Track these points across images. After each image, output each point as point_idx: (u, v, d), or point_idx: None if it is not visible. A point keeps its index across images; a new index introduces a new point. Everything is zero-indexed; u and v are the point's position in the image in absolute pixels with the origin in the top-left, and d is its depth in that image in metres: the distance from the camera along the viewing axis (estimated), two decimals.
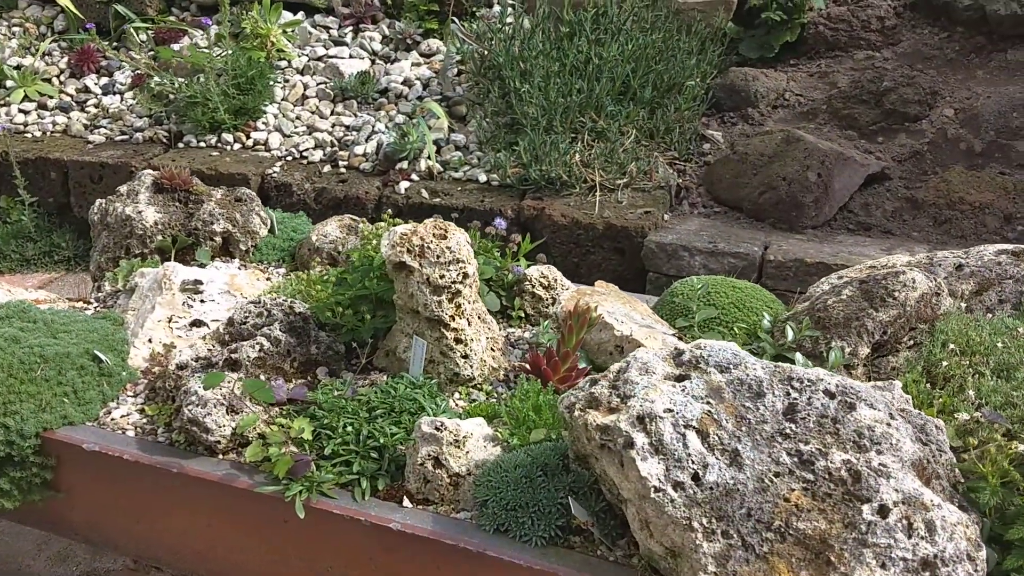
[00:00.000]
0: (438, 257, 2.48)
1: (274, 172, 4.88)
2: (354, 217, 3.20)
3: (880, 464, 1.89)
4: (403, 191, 4.67)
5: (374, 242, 2.73)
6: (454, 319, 2.55)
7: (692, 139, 4.99)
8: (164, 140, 5.15)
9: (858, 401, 1.99)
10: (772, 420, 1.96)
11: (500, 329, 2.93)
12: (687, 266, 4.33)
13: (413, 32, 5.44)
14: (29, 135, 5.29)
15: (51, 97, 5.47)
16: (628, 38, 5.03)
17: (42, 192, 5.11)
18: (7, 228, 5.03)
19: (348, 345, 2.69)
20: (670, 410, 1.97)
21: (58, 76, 5.63)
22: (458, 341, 2.56)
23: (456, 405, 2.54)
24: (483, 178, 4.76)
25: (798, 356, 2.47)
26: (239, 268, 3.12)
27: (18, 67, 5.58)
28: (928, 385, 2.49)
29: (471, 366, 2.57)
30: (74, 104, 5.50)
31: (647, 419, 1.96)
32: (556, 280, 2.98)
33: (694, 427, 1.96)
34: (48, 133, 5.30)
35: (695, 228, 4.52)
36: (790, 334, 2.55)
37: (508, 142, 4.82)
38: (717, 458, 1.91)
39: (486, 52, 5.11)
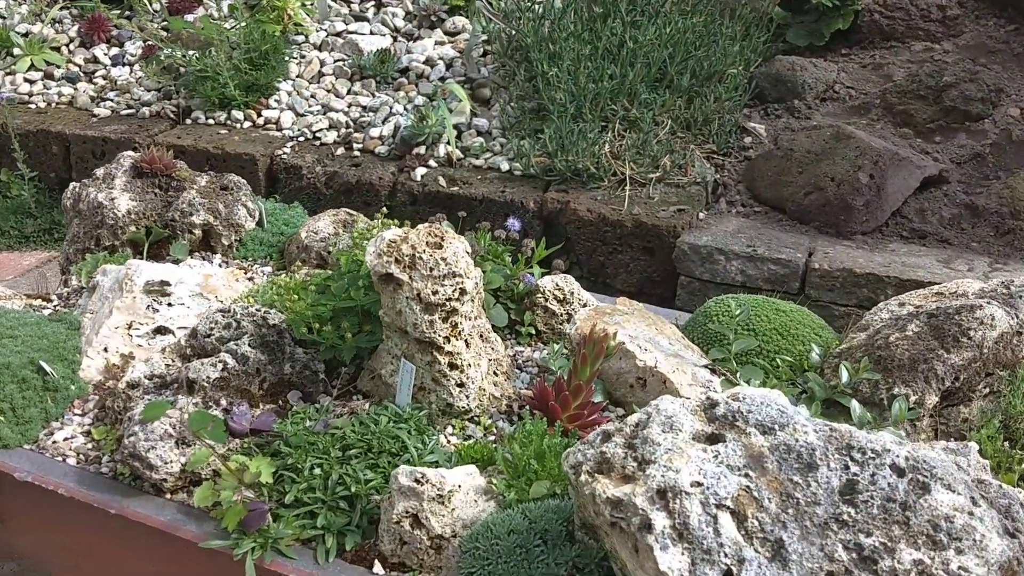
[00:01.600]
0: (431, 270, 2.05)
1: (284, 153, 4.47)
2: (350, 211, 2.79)
3: (960, 568, 1.46)
4: (419, 178, 4.25)
5: (365, 244, 2.31)
6: (449, 341, 2.13)
7: (732, 132, 4.51)
8: (172, 116, 4.77)
9: (933, 481, 1.55)
10: (826, 501, 1.53)
11: (507, 348, 2.51)
12: (722, 271, 3.87)
13: (438, 8, 4.99)
14: (33, 106, 4.93)
15: (58, 67, 5.10)
16: (666, 21, 4.55)
17: (43, 167, 4.75)
18: (6, 203, 4.68)
19: (330, 364, 2.28)
20: (699, 484, 1.54)
21: (67, 45, 5.25)
22: (453, 367, 2.14)
23: (448, 442, 2.13)
24: (505, 167, 4.33)
25: (855, 405, 2.02)
26: (220, 266, 2.71)
27: (26, 34, 5.21)
28: (1006, 444, 2.04)
29: (467, 396, 2.16)
30: (82, 75, 5.13)
31: (670, 494, 1.53)
32: (572, 293, 2.55)
33: (728, 507, 1.53)
34: (53, 104, 4.93)
35: (733, 229, 4.06)
36: (845, 375, 2.10)
37: (533, 129, 4.37)
38: (756, 551, 1.48)
39: (514, 32, 4.65)
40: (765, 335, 2.42)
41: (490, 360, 2.32)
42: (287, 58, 4.79)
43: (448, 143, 4.38)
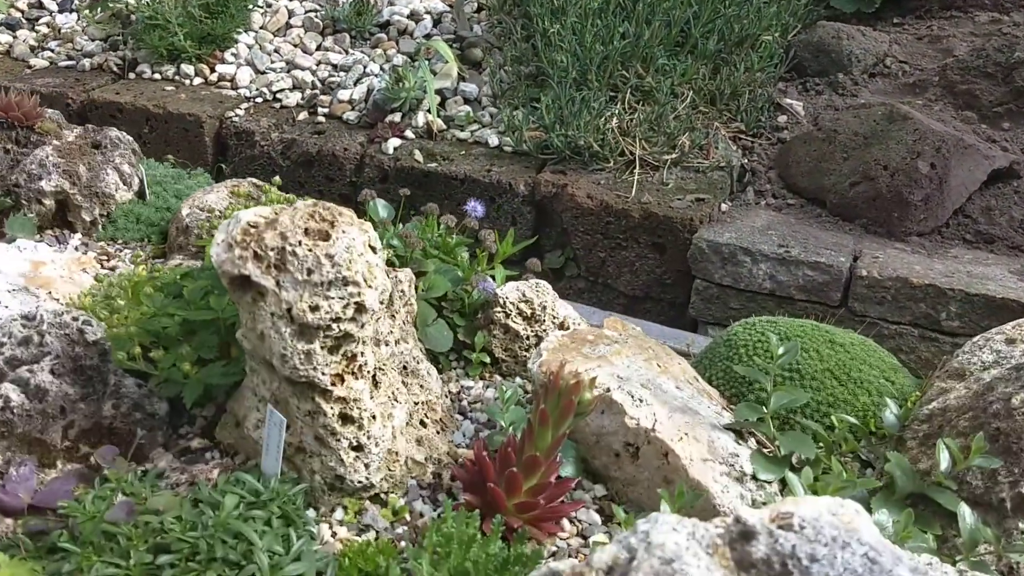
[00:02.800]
0: (310, 273, 1.28)
1: (236, 116, 3.70)
2: (257, 182, 2.02)
3: None
4: (391, 151, 3.48)
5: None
6: (341, 381, 1.36)
7: (764, 108, 3.71)
8: (116, 69, 4.00)
9: None
10: None
11: (448, 382, 1.74)
12: (747, 276, 3.08)
13: None
14: None
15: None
16: None
17: None
18: None
19: (179, 402, 1.51)
20: None
21: None
22: (346, 420, 1.38)
23: (333, 536, 1.36)
24: (494, 141, 3.54)
25: (964, 512, 1.23)
26: (77, 249, 1.95)
27: None
28: None
29: (368, 464, 1.39)
30: (24, 21, 4.37)
31: None
32: (544, 307, 1.77)
33: None
34: None
35: (762, 225, 3.26)
36: (945, 459, 1.31)
37: (529, 98, 3.58)
38: None
39: None
40: (815, 379, 1.63)
41: (416, 404, 1.55)
42: (250, 6, 4.02)
43: (429, 111, 3.60)
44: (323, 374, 1.32)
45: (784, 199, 3.48)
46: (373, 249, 1.34)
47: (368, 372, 1.39)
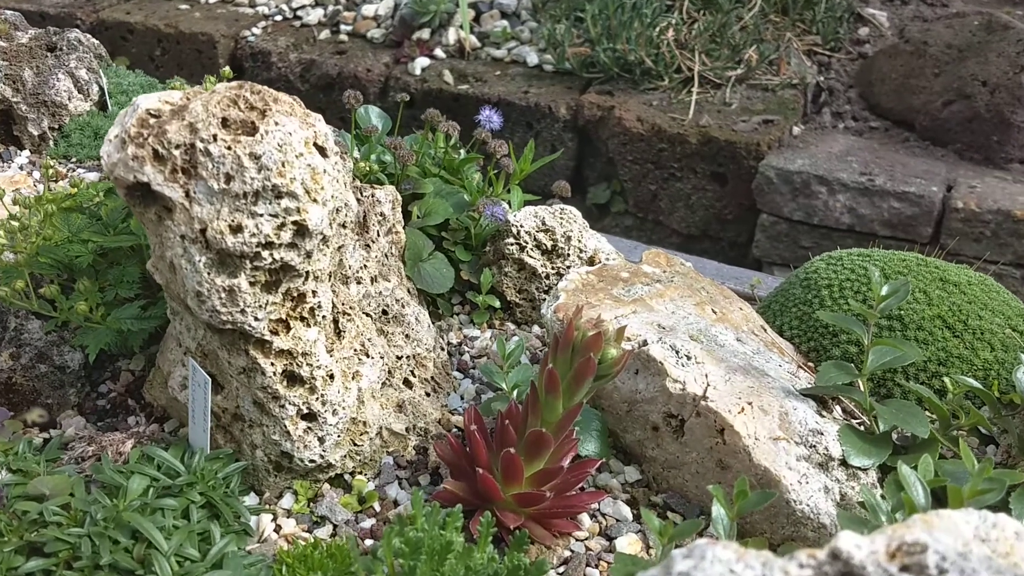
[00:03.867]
0: (229, 180, 0.93)
1: (252, 35, 3.35)
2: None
3: None
4: (419, 71, 3.10)
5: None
6: (286, 329, 1.01)
7: (844, 19, 3.22)
8: None
9: None
10: None
11: (446, 333, 1.39)
12: (822, 209, 2.65)
13: None
14: None
15: None
16: None
17: None
18: None
19: (104, 352, 1.18)
20: None
21: None
22: (293, 381, 1.03)
23: (277, 533, 1.02)
24: (533, 59, 3.14)
25: None
26: (23, 168, 1.63)
27: None
28: None
29: (323, 437, 1.04)
30: None
31: None
32: (569, 238, 1.39)
33: None
34: None
35: (840, 150, 2.81)
36: None
37: (573, 8, 3.15)
38: None
39: None
40: (922, 329, 1.24)
41: (399, 359, 1.19)
42: None
43: (461, 26, 3.20)
44: (255, 319, 0.97)
45: (866, 121, 3.02)
46: (321, 151, 0.98)
47: (324, 317, 1.04)
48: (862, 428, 1.09)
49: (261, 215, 0.93)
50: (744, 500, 0.85)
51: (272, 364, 1.01)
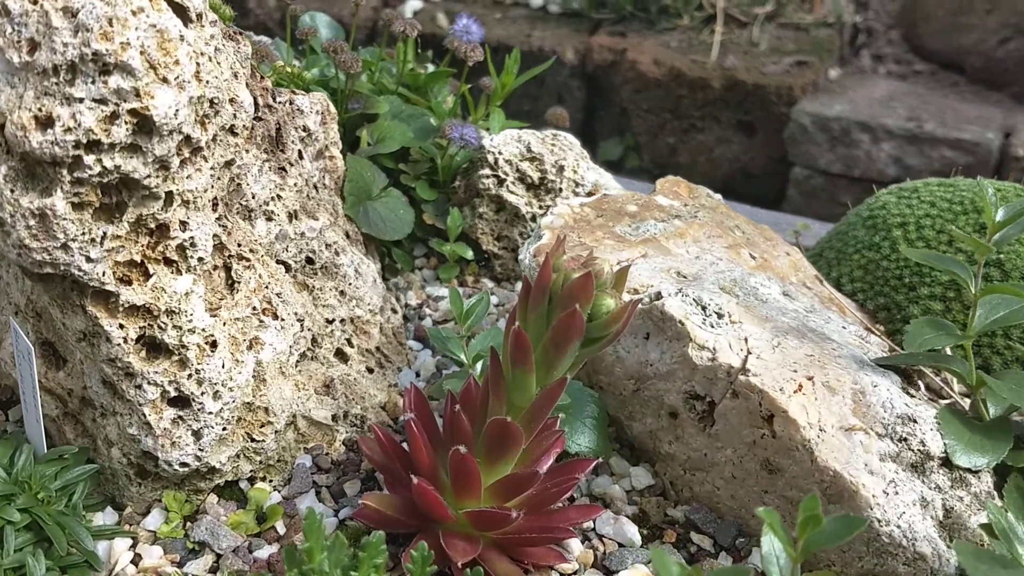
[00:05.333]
0: (34, 48, 0.61)
1: None
2: None
3: None
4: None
5: None
6: (144, 276, 0.70)
7: None
8: None
9: None
10: None
11: (402, 292, 1.07)
12: (864, 158, 2.31)
13: None
14: None
15: None
16: None
17: None
18: None
19: None
20: None
21: None
22: (155, 351, 0.72)
23: (135, 567, 0.72)
24: (537, 1, 2.81)
25: None
26: None
27: None
28: None
29: (200, 431, 0.73)
30: None
31: None
32: (563, 169, 1.07)
33: None
34: None
35: (882, 95, 2.46)
36: None
37: None
38: None
39: None
40: None
41: (330, 323, 0.88)
42: None
43: None
44: (87, 259, 0.66)
45: (909, 65, 2.66)
46: (180, 10, 0.66)
47: (201, 261, 0.73)
48: (961, 411, 0.77)
49: (80, 100, 0.62)
50: (815, 531, 0.53)
51: (121, 327, 0.70)
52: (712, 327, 0.77)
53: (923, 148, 2.28)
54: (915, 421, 0.71)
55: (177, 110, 0.65)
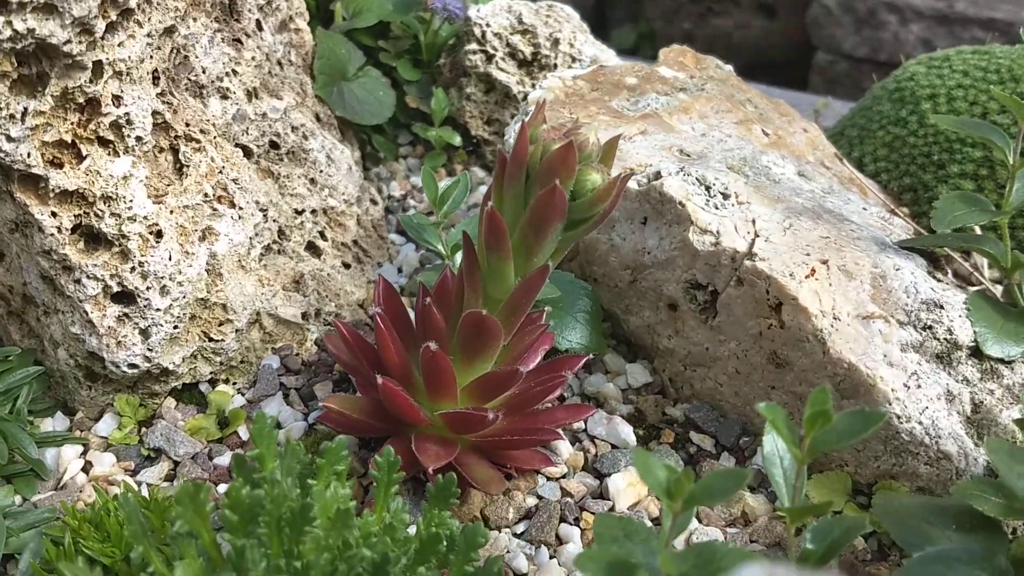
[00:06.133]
0: None
1: None
2: None
3: None
4: None
5: None
6: (77, 158, 0.63)
7: None
8: None
9: None
10: None
11: (385, 182, 0.99)
12: (892, 41, 2.17)
13: None
14: None
15: None
16: None
17: None
18: None
19: None
20: None
21: None
22: (93, 241, 0.65)
23: (85, 475, 0.66)
24: None
25: None
26: None
27: None
28: None
29: (148, 330, 0.67)
30: None
31: None
32: (558, 42, 0.98)
33: None
34: None
35: None
36: None
37: None
38: None
39: None
40: None
41: (299, 213, 0.81)
42: None
43: None
44: (8, 139, 0.59)
45: None
46: None
47: (140, 140, 0.65)
48: (994, 297, 0.69)
49: None
50: (825, 428, 0.46)
51: (54, 214, 0.63)
52: (716, 208, 0.69)
53: (954, 29, 2.14)
54: (941, 307, 0.64)
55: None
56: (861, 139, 0.94)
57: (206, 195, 0.70)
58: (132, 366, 0.67)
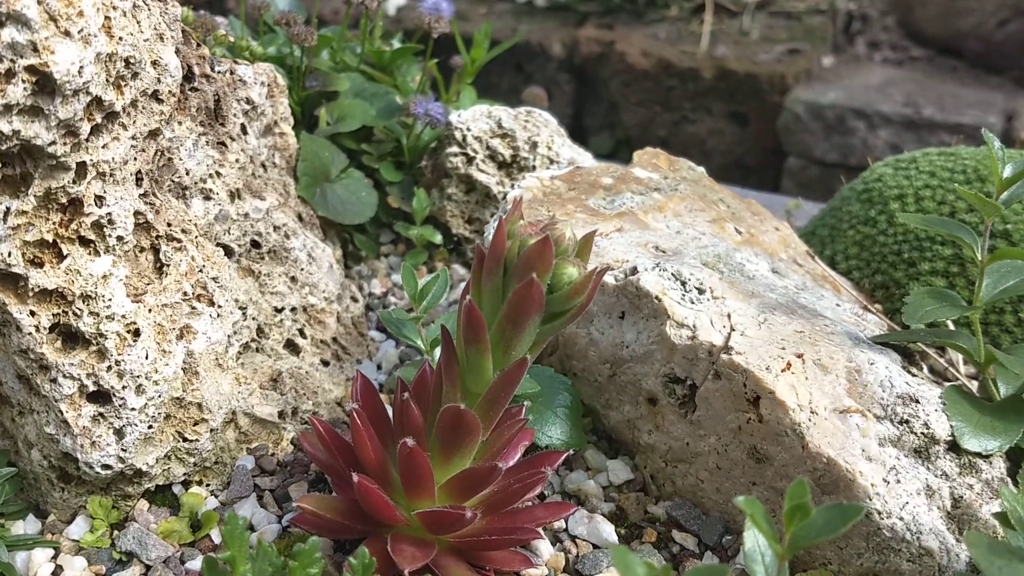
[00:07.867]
0: None
1: None
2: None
3: None
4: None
5: None
6: (57, 257, 0.63)
7: None
8: None
9: None
10: None
11: (365, 280, 1.00)
12: (861, 146, 2.24)
13: None
14: None
15: None
16: None
17: None
18: None
19: None
20: None
21: None
22: (71, 341, 0.65)
23: None
24: None
25: None
26: None
27: None
28: None
29: (123, 430, 0.66)
30: None
31: None
32: (536, 146, 1.00)
33: None
34: None
35: (878, 82, 2.40)
36: None
37: None
38: None
39: None
40: None
41: (279, 312, 0.81)
42: None
43: None
44: None
45: (906, 51, 2.60)
46: None
47: (121, 240, 0.66)
48: (968, 392, 0.70)
49: None
50: (803, 523, 0.46)
51: (32, 313, 0.63)
52: (692, 303, 0.69)
53: (921, 134, 2.21)
54: (917, 401, 0.64)
55: (82, 67, 0.58)
56: (832, 238, 0.97)
57: (185, 294, 0.70)
58: (106, 467, 0.65)
